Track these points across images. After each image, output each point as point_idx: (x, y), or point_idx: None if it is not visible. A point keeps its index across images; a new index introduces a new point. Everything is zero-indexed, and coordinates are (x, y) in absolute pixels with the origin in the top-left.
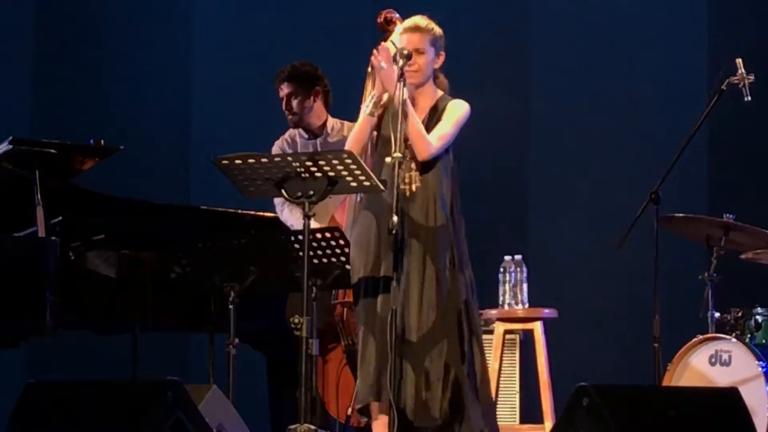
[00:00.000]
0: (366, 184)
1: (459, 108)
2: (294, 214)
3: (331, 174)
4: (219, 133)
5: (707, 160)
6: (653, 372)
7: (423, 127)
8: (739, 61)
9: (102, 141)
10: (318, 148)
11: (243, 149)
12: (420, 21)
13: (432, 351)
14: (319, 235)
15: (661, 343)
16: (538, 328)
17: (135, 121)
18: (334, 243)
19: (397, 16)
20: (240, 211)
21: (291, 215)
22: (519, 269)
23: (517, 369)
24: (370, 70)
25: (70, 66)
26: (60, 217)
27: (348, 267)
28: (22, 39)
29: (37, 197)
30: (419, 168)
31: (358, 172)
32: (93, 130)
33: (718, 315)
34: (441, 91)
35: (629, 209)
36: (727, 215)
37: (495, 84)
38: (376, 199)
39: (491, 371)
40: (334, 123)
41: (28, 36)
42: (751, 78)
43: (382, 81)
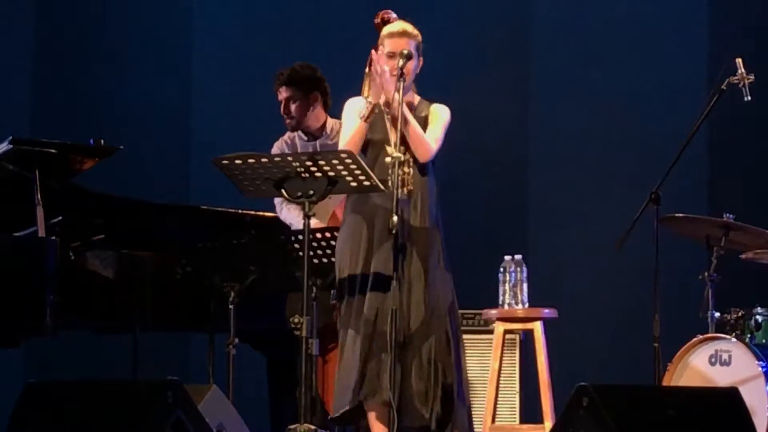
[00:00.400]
0: (366, 184)
1: (445, 112)
2: (293, 212)
3: (331, 174)
4: (219, 133)
5: (707, 160)
6: (653, 372)
7: (422, 130)
8: (739, 61)
9: (102, 141)
10: (317, 149)
11: (243, 149)
12: (407, 26)
13: (422, 350)
14: (319, 235)
15: (661, 343)
16: (538, 328)
17: (135, 121)
18: (334, 243)
19: (395, 16)
20: (240, 211)
21: (290, 214)
22: (519, 269)
23: (517, 369)
24: (367, 70)
25: (70, 66)
26: (60, 217)
27: None
28: (22, 39)
29: (37, 197)
30: (413, 170)
31: (358, 171)
32: (93, 130)
33: (718, 315)
34: (418, 96)
35: (629, 209)
36: (727, 215)
37: (495, 84)
38: (364, 200)
39: (491, 371)
40: (333, 124)
41: (28, 36)
42: (751, 78)
43: (382, 85)
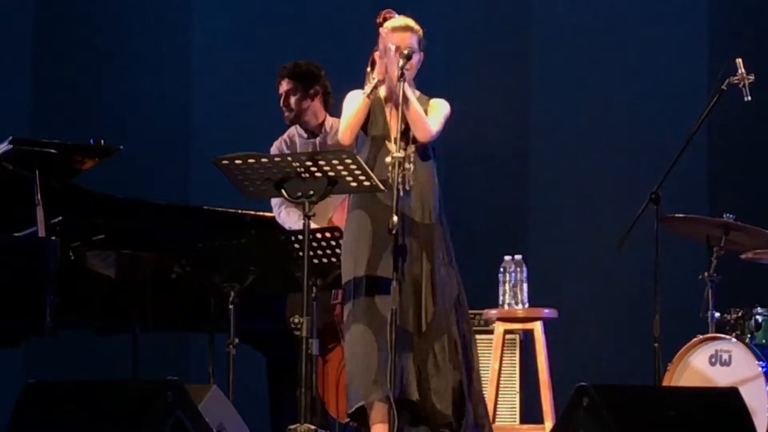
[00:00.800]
0: (366, 184)
1: (444, 104)
2: (292, 216)
3: (331, 174)
4: (219, 133)
5: (707, 160)
6: (653, 372)
7: (423, 111)
8: (739, 61)
9: (102, 141)
10: (317, 147)
11: (243, 149)
12: (409, 21)
13: (435, 345)
14: (319, 235)
15: (661, 343)
16: (538, 328)
17: (135, 121)
18: (334, 243)
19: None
20: (240, 211)
21: (289, 218)
22: (519, 269)
23: (517, 369)
24: (368, 70)
25: (70, 66)
26: (60, 217)
27: None
28: (22, 38)
29: (37, 197)
30: (414, 165)
31: (358, 172)
32: (93, 130)
33: (718, 315)
34: (417, 91)
35: (629, 209)
36: (727, 215)
37: (495, 84)
38: (369, 198)
39: (491, 371)
40: (333, 122)
41: (28, 35)
42: (751, 78)
43: (386, 64)
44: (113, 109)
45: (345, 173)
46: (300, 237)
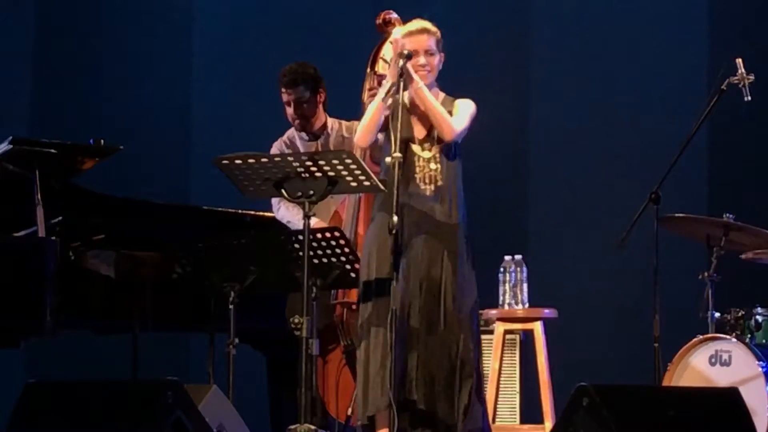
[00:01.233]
0: (366, 184)
1: (470, 104)
2: (291, 210)
3: (331, 174)
4: (219, 133)
5: (707, 160)
6: (653, 372)
7: (443, 108)
8: (739, 61)
9: (102, 141)
10: (320, 148)
11: (243, 149)
12: (426, 23)
13: (450, 347)
14: (319, 235)
15: (661, 343)
16: (538, 328)
17: (135, 121)
18: (334, 243)
19: (396, 17)
20: (240, 211)
21: (288, 212)
22: (519, 269)
23: (517, 369)
24: (368, 70)
25: (70, 66)
26: (60, 217)
27: (348, 267)
28: (22, 38)
29: (37, 197)
30: (440, 165)
31: (358, 172)
32: (93, 130)
33: (718, 315)
34: (442, 93)
35: (629, 209)
36: (727, 215)
37: (495, 84)
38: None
39: (491, 371)
40: (333, 123)
41: (28, 36)
42: (751, 78)
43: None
44: (113, 110)
45: (345, 173)
46: (300, 237)
